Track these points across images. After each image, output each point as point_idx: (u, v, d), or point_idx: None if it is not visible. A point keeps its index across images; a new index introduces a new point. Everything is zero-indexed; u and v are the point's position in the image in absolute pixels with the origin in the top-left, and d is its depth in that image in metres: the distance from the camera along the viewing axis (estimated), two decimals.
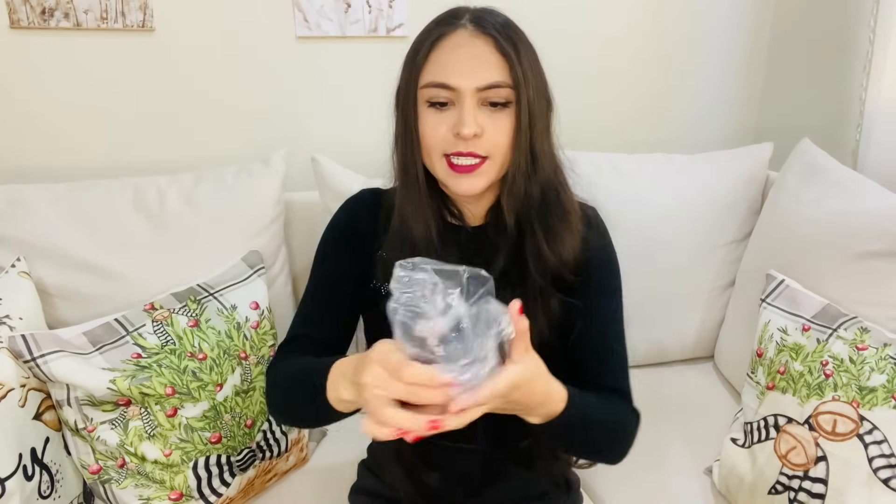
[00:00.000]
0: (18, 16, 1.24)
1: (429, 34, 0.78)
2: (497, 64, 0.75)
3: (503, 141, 0.77)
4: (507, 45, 0.75)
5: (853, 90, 1.46)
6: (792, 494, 1.00)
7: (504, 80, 0.75)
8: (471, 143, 0.76)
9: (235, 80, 1.42)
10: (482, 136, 0.76)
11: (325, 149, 1.36)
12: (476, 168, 0.77)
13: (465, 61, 0.75)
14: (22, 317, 1.00)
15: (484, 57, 0.75)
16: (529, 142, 0.78)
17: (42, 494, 0.91)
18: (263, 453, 1.11)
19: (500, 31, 0.75)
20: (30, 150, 1.34)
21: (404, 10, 1.45)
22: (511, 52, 0.75)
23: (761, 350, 1.16)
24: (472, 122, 0.74)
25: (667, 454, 1.23)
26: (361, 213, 0.90)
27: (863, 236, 1.13)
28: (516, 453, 0.88)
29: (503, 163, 0.78)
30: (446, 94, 0.75)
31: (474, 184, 0.78)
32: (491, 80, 0.74)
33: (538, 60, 0.80)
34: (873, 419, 0.95)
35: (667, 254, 1.43)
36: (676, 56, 1.70)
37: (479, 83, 0.74)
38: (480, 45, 0.75)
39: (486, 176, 0.78)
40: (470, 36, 0.76)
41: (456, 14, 0.78)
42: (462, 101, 0.75)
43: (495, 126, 0.76)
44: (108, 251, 1.14)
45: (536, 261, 0.81)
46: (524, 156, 0.78)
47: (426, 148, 0.79)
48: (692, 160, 1.49)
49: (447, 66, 0.75)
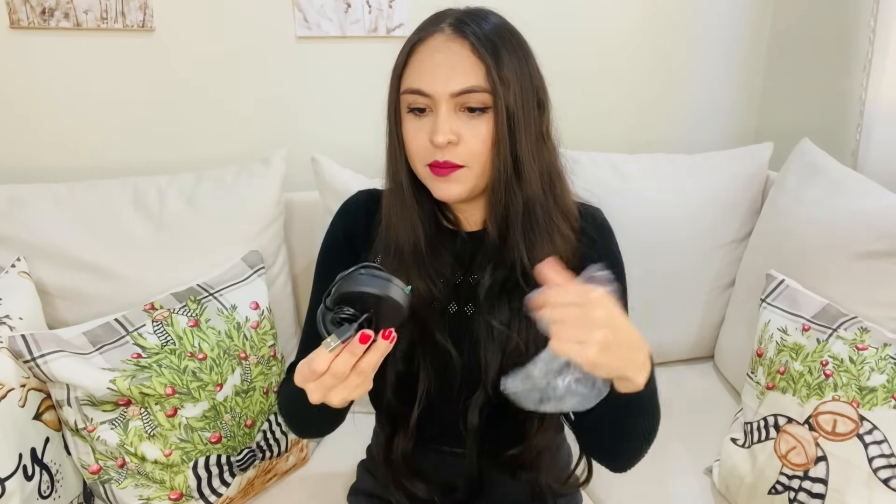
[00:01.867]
0: (18, 16, 1.24)
1: (409, 39, 0.77)
2: (472, 68, 0.73)
3: (480, 148, 0.74)
4: (485, 48, 0.73)
5: (853, 90, 1.45)
6: (792, 494, 1.00)
7: (479, 84, 0.73)
8: (447, 152, 0.74)
9: (235, 80, 1.42)
10: (458, 144, 0.74)
11: (325, 149, 1.36)
12: (451, 173, 0.75)
13: (440, 66, 0.73)
14: (22, 317, 1.00)
15: (459, 61, 0.73)
16: (511, 149, 0.75)
17: (42, 494, 0.91)
18: (263, 453, 1.11)
19: (478, 35, 0.73)
20: (30, 150, 1.34)
21: (404, 10, 1.45)
22: (488, 55, 0.72)
23: (761, 350, 1.16)
24: (445, 130, 0.73)
25: (667, 454, 1.23)
26: (356, 217, 0.89)
27: (863, 236, 1.13)
28: (506, 461, 0.85)
29: (483, 171, 0.76)
30: (423, 100, 0.74)
31: (452, 190, 0.76)
32: (465, 85, 0.72)
33: (528, 62, 0.77)
34: (873, 419, 0.95)
35: (667, 254, 1.43)
36: (676, 56, 1.70)
37: (453, 88, 0.73)
38: (456, 48, 0.73)
39: (463, 183, 0.76)
40: (446, 40, 0.74)
41: (440, 17, 0.77)
42: (437, 108, 0.73)
43: (472, 133, 0.74)
44: (108, 251, 1.14)
45: (521, 271, 0.78)
46: (504, 164, 0.75)
47: (410, 155, 0.78)
48: (692, 160, 1.49)
49: (423, 71, 0.74)
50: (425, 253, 0.81)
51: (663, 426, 0.79)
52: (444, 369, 0.82)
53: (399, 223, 0.81)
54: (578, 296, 0.60)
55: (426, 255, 0.81)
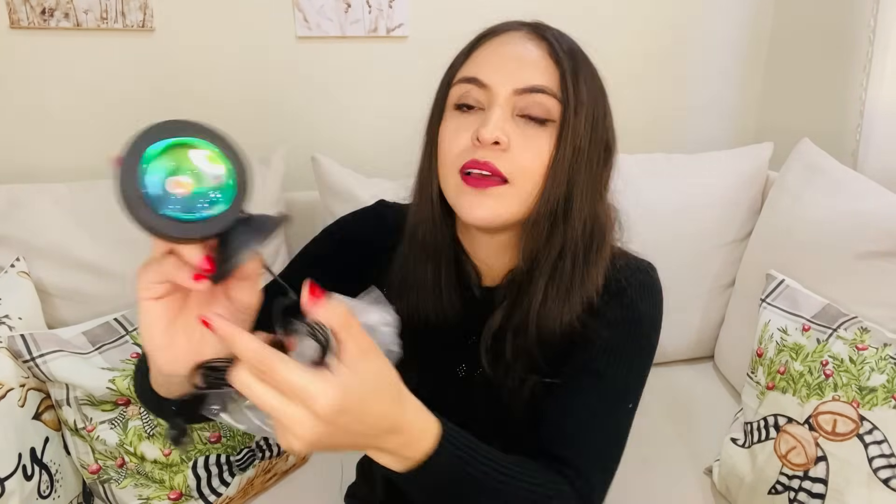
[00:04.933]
0: (18, 16, 1.24)
1: (477, 35, 0.67)
2: (546, 69, 0.62)
3: (532, 163, 0.62)
4: (565, 54, 0.62)
5: (853, 90, 1.45)
6: (792, 494, 1.00)
7: (550, 86, 0.62)
8: (490, 153, 0.61)
9: (235, 80, 1.42)
10: (507, 150, 0.61)
11: (325, 149, 1.36)
12: (489, 186, 0.61)
13: (508, 59, 0.63)
14: (21, 316, 1.00)
15: (531, 58, 0.62)
16: (569, 175, 0.62)
17: (41, 494, 0.91)
18: (263, 453, 1.11)
19: (559, 40, 0.63)
20: (30, 150, 1.34)
21: (404, 10, 1.45)
22: (567, 61, 0.62)
23: (761, 350, 1.15)
24: (496, 125, 0.60)
25: (667, 454, 1.23)
26: (376, 229, 0.78)
27: (863, 236, 1.13)
28: None
29: (527, 196, 0.63)
30: (477, 93, 0.63)
31: (484, 207, 0.62)
32: (533, 83, 0.61)
33: (603, 98, 0.67)
34: (873, 419, 0.95)
35: (667, 254, 1.42)
36: (677, 56, 1.70)
37: (518, 84, 0.61)
38: (532, 47, 0.63)
39: (502, 201, 0.62)
40: (522, 37, 0.64)
41: (512, 22, 0.68)
42: (493, 105, 0.62)
43: (526, 142, 0.62)
44: (108, 251, 1.14)
45: (517, 332, 0.67)
46: (558, 191, 0.62)
47: (442, 161, 0.65)
48: (692, 160, 1.49)
49: (486, 61, 0.63)
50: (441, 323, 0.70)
51: (664, 426, 0.78)
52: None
53: (418, 267, 0.70)
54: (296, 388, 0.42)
55: (443, 324, 0.70)
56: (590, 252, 0.67)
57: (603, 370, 0.67)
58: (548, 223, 0.64)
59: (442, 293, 0.70)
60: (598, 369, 0.66)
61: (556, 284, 0.66)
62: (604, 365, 0.67)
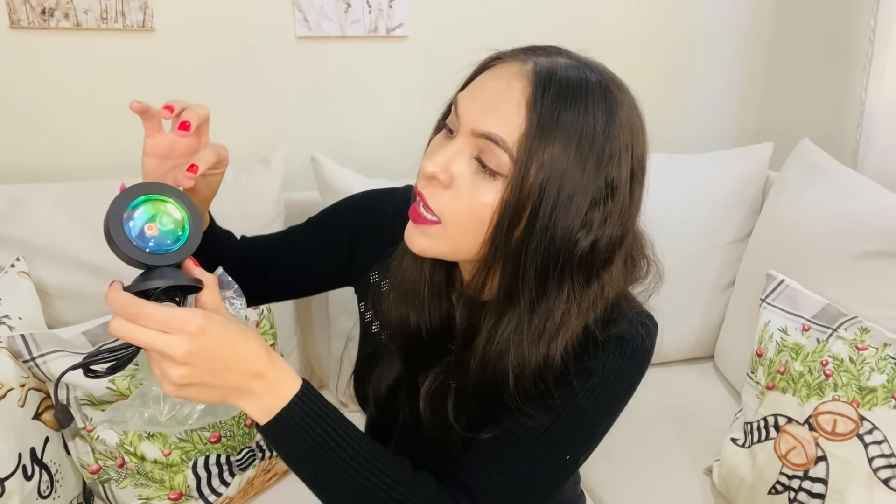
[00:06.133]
0: (18, 16, 1.24)
1: (489, 56, 0.64)
2: (514, 118, 0.55)
3: (466, 212, 0.57)
4: (544, 101, 0.55)
5: (853, 90, 1.46)
6: (792, 494, 1.00)
7: (506, 138, 0.55)
8: (429, 187, 0.59)
9: (235, 80, 1.42)
10: (449, 189, 0.58)
11: (325, 149, 1.36)
12: (421, 222, 0.60)
13: (487, 94, 0.58)
14: (21, 316, 1.00)
15: (504, 102, 0.56)
16: (508, 251, 0.58)
17: (42, 494, 0.91)
18: (263, 453, 1.11)
19: (547, 83, 0.55)
20: (30, 150, 1.34)
21: (404, 10, 1.45)
22: (542, 115, 0.54)
23: (761, 350, 1.16)
24: (440, 160, 0.57)
25: (667, 454, 1.23)
26: (383, 212, 0.80)
27: (863, 236, 1.13)
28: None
29: (461, 242, 0.60)
30: (452, 119, 0.60)
31: (418, 242, 0.61)
32: (489, 130, 0.56)
33: (610, 144, 0.57)
34: (873, 419, 0.95)
35: (667, 254, 1.41)
36: (677, 56, 1.70)
37: (478, 126, 0.57)
38: (516, 88, 0.56)
39: (431, 241, 0.60)
40: (514, 73, 0.57)
41: (539, 49, 0.62)
42: (456, 138, 0.59)
43: (471, 189, 0.57)
44: (108, 251, 1.14)
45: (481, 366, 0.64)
46: (495, 262, 0.59)
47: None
48: (692, 160, 1.49)
49: (473, 90, 0.60)
50: (427, 299, 0.70)
51: (664, 426, 0.78)
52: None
53: (410, 266, 0.70)
54: (164, 325, 0.50)
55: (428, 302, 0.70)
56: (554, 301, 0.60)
57: (545, 418, 0.63)
58: (487, 272, 0.61)
59: (425, 299, 0.70)
60: (541, 414, 0.62)
61: (510, 324, 0.62)
62: (550, 413, 0.63)
